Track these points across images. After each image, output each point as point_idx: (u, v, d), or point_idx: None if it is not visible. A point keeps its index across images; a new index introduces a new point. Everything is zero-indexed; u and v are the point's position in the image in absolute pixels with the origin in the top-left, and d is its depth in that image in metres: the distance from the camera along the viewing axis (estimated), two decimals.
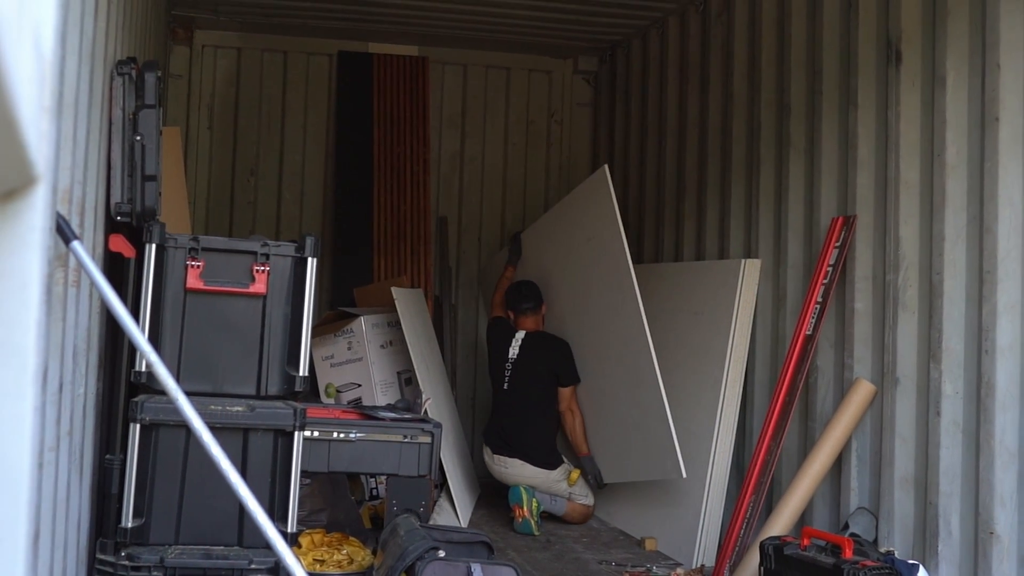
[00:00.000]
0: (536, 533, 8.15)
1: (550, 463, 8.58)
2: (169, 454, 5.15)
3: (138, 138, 5.02)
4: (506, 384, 8.79)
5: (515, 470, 8.53)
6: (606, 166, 8.54)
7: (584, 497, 8.66)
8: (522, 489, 8.25)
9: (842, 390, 6.75)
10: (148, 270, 5.29)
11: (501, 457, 8.63)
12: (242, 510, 4.46)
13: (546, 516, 8.50)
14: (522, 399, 8.70)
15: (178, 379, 4.28)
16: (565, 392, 8.68)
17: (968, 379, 5.80)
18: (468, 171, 11.27)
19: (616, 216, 8.15)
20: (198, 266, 5.35)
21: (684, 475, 7.45)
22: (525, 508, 8.19)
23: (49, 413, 3.70)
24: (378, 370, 8.51)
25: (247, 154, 10.75)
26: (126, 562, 4.92)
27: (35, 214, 1.40)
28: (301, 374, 5.49)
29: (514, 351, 8.79)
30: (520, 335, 8.86)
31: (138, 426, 5.09)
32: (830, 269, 6.82)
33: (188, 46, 10.52)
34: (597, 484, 8.58)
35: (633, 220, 10.08)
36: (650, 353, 7.72)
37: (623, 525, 8.50)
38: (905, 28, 6.36)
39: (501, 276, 9.73)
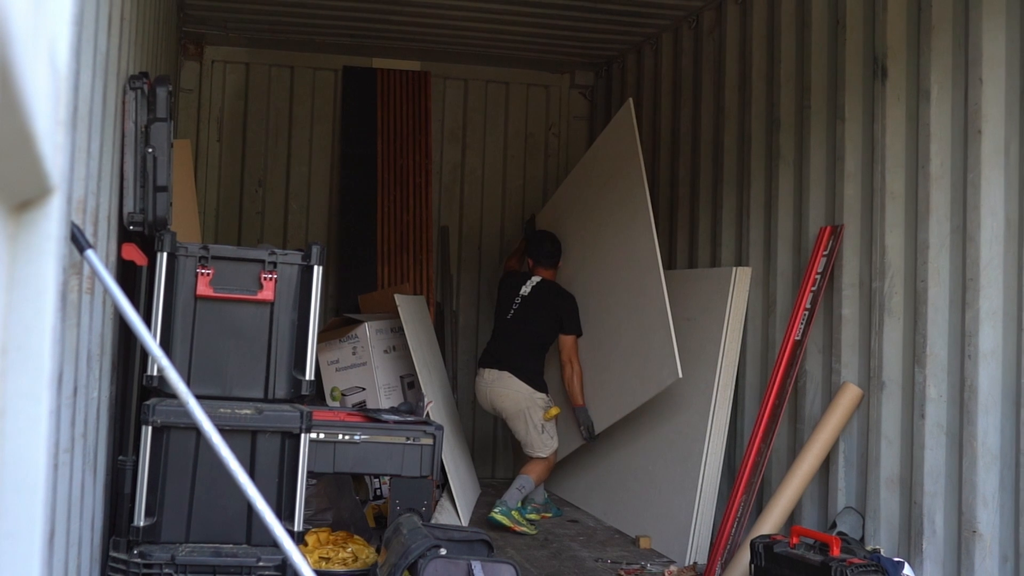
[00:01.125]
0: (533, 532, 8.14)
1: (536, 384, 8.68)
2: (180, 455, 5.15)
3: (150, 150, 5.03)
4: (511, 315, 8.92)
5: (502, 382, 8.64)
6: (631, 100, 8.77)
7: (551, 439, 8.71)
8: (496, 515, 8.11)
9: (830, 393, 6.75)
10: (160, 278, 5.29)
11: (491, 370, 8.73)
12: (251, 509, 4.46)
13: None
14: (522, 329, 8.81)
15: (188, 383, 4.28)
16: (567, 341, 8.82)
17: (952, 383, 5.81)
18: (469, 182, 11.27)
19: (635, 133, 8.53)
20: (208, 274, 5.35)
21: (680, 375, 7.56)
22: (513, 525, 8.11)
23: (64, 416, 3.70)
24: (382, 374, 8.51)
25: (255, 166, 10.76)
26: (138, 560, 4.92)
27: (50, 223, 1.40)
28: (307, 378, 5.49)
29: (527, 289, 8.93)
30: (536, 279, 9.00)
31: (150, 428, 5.09)
32: (818, 277, 6.82)
33: (198, 61, 10.53)
34: (589, 435, 8.65)
35: None
36: (656, 258, 7.97)
37: (618, 524, 8.50)
38: (890, 44, 6.37)
39: (516, 247, 9.94)
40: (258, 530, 5.11)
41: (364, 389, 8.48)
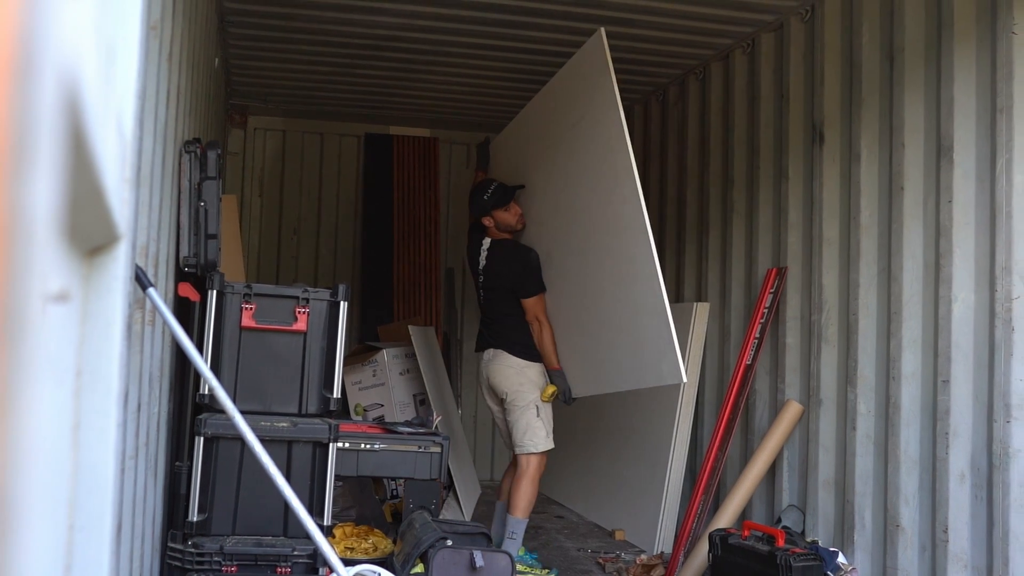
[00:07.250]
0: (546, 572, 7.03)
1: (530, 356, 6.81)
2: (227, 461, 5.14)
3: (202, 204, 5.02)
4: (481, 293, 7.15)
5: (498, 360, 6.86)
6: (602, 29, 6.11)
7: (546, 435, 6.76)
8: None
9: (776, 409, 6.74)
10: (210, 312, 5.29)
11: (487, 350, 6.98)
12: (287, 507, 4.44)
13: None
14: (496, 307, 7.01)
15: (234, 400, 4.27)
16: (528, 303, 6.82)
17: (878, 400, 5.80)
18: None
19: (613, 83, 6.03)
20: (251, 308, 5.34)
21: (684, 379, 5.63)
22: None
23: (129, 428, 3.69)
24: (397, 393, 8.49)
25: (291, 217, 10.76)
26: (192, 549, 4.90)
27: (118, 266, 1.40)
28: (335, 396, 5.47)
29: (483, 261, 7.06)
30: (486, 243, 7.06)
31: (202, 439, 5.08)
32: (766, 311, 6.82)
33: (243, 129, 10.55)
34: (566, 401, 6.79)
35: None
36: (648, 241, 5.66)
37: (597, 519, 8.47)
38: (827, 114, 6.39)
39: (473, 181, 7.95)
40: (293, 524, 5.08)
41: (382, 405, 8.45)
